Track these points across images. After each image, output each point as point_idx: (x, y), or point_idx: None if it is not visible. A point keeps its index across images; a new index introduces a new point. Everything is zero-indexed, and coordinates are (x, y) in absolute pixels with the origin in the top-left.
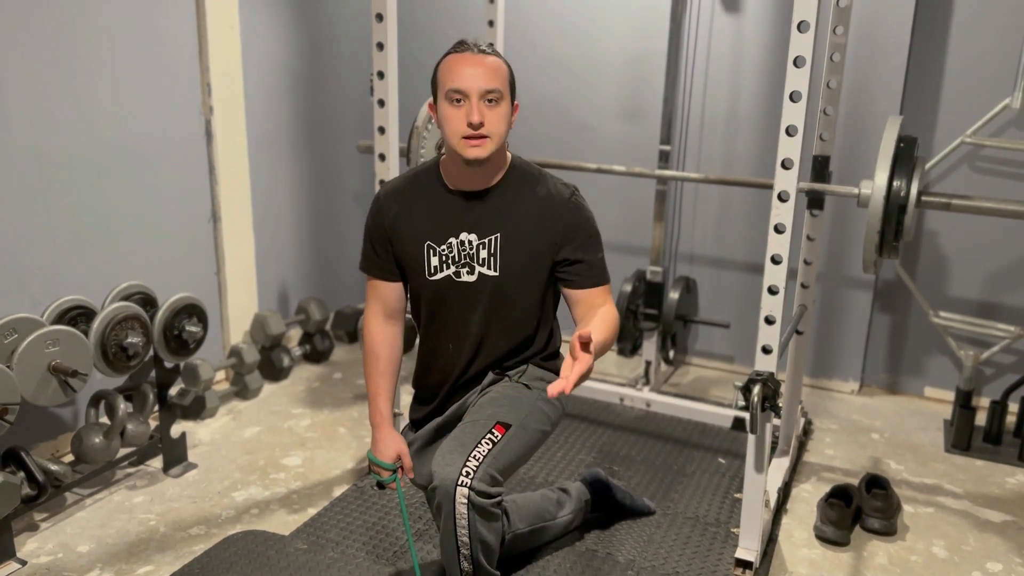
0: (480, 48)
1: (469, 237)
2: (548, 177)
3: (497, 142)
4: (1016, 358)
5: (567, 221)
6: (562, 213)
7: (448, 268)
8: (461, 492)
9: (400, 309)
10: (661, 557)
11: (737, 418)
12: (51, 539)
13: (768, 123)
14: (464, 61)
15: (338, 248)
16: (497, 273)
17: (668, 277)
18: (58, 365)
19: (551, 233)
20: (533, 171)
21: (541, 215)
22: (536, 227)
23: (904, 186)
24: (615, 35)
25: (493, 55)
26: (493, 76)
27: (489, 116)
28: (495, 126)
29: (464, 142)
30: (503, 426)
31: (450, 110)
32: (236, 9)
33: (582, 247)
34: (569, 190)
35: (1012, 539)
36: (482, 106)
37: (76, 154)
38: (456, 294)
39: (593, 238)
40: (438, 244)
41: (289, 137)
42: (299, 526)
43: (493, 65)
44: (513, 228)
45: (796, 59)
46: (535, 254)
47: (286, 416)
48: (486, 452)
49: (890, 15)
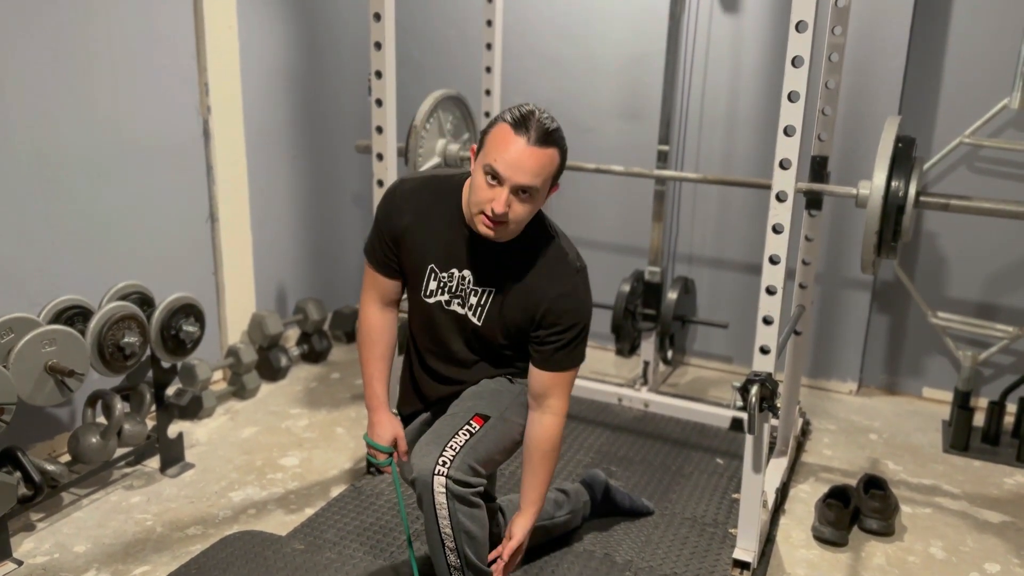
0: (543, 133)
1: (469, 276)
2: (563, 245)
3: (515, 230)
4: (1014, 359)
5: (558, 304)
6: (556, 295)
7: (442, 294)
8: (439, 481)
9: (395, 300)
10: (659, 558)
11: (735, 418)
12: (48, 539)
13: (766, 123)
14: (517, 148)
15: (336, 248)
16: (479, 324)
17: (666, 277)
18: (55, 365)
19: (539, 306)
20: (551, 236)
21: (539, 291)
22: (528, 298)
23: (902, 186)
24: (614, 35)
25: (551, 147)
26: (537, 174)
27: (516, 208)
28: (518, 215)
29: (481, 217)
30: (481, 418)
31: (481, 181)
32: (234, 9)
33: (561, 332)
34: (573, 267)
35: (1010, 540)
36: (512, 199)
37: (74, 154)
38: (445, 319)
39: (575, 327)
40: (440, 270)
41: (287, 137)
42: (296, 526)
43: (543, 162)
44: (508, 289)
45: (794, 59)
46: (516, 320)
47: (284, 416)
48: (463, 442)
49: (889, 15)
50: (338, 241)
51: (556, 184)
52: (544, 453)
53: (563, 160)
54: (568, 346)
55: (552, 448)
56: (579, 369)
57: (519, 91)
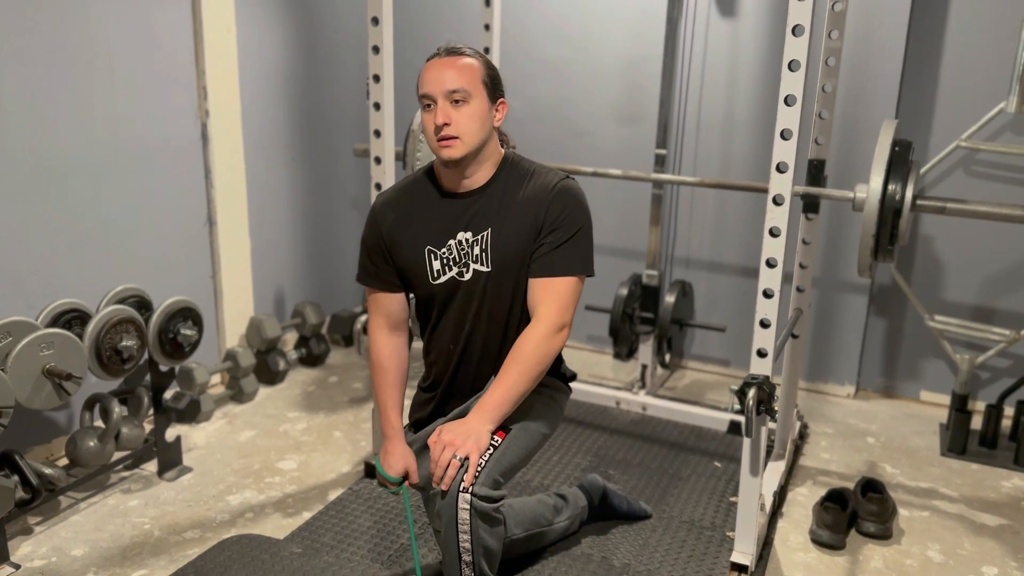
0: (451, 49)
1: (465, 235)
2: (541, 170)
3: (470, 141)
4: (1011, 362)
5: (551, 206)
6: (550, 199)
7: (451, 270)
8: (463, 498)
9: (403, 319)
10: (657, 561)
11: (733, 422)
12: (45, 543)
13: (763, 127)
14: (431, 66)
15: (334, 252)
16: (489, 268)
17: (664, 281)
18: (53, 368)
19: (537, 221)
20: (526, 165)
21: (531, 207)
22: (526, 219)
23: (899, 190)
24: (611, 39)
25: (464, 55)
26: (458, 77)
27: (455, 116)
28: (463, 125)
29: (438, 144)
30: (504, 430)
31: (424, 115)
32: (232, 13)
33: (556, 228)
34: (558, 177)
35: (1008, 543)
36: (447, 107)
37: (72, 157)
38: (458, 294)
39: (572, 223)
40: (438, 248)
41: (285, 140)
42: (294, 530)
43: (460, 65)
44: (504, 222)
45: (791, 63)
46: (522, 247)
47: (281, 420)
48: (488, 457)
49: (885, 19)
50: (336, 245)
51: (502, 100)
52: (514, 358)
53: (489, 70)
54: (563, 246)
55: (524, 355)
56: (580, 287)
57: (517, 95)
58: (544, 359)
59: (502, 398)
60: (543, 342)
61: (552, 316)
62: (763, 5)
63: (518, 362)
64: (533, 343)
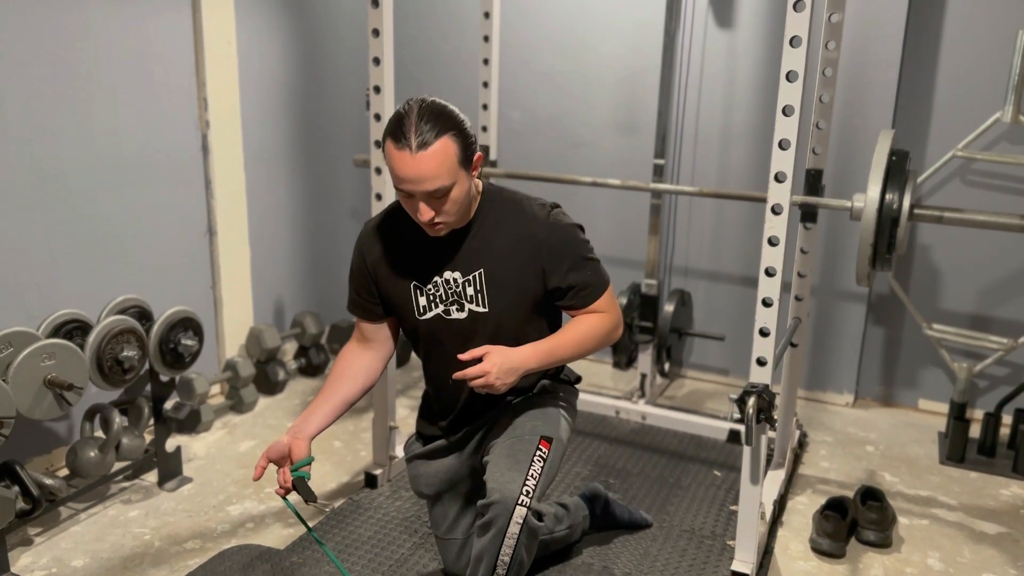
0: (421, 137)
1: (454, 275)
2: (524, 202)
3: (456, 219)
4: (1010, 370)
5: (550, 245)
6: (543, 237)
7: (437, 307)
8: (519, 512)
9: (383, 339)
10: (657, 570)
11: (732, 430)
12: (45, 553)
13: (761, 137)
14: (405, 162)
15: (334, 262)
16: (487, 309)
17: (663, 290)
18: (54, 379)
19: (536, 261)
20: (508, 198)
21: (523, 245)
22: (519, 259)
23: (896, 199)
24: (609, 50)
25: (433, 143)
26: (435, 175)
27: (440, 206)
28: (450, 213)
29: (423, 225)
30: (547, 440)
31: (402, 196)
32: (233, 24)
33: (571, 269)
34: (546, 210)
35: (1007, 551)
36: (430, 202)
37: (73, 168)
38: (449, 331)
39: (579, 255)
40: (423, 284)
41: (285, 151)
42: (294, 540)
43: (435, 162)
44: (495, 262)
45: (789, 74)
46: (523, 287)
47: (281, 430)
48: (540, 470)
49: (882, 30)
50: (336, 255)
51: (476, 156)
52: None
53: (462, 138)
54: (583, 276)
55: (591, 323)
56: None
57: (515, 106)
58: (604, 337)
59: (563, 351)
60: (608, 323)
61: (613, 315)
62: (760, 17)
63: (586, 325)
64: (601, 319)
